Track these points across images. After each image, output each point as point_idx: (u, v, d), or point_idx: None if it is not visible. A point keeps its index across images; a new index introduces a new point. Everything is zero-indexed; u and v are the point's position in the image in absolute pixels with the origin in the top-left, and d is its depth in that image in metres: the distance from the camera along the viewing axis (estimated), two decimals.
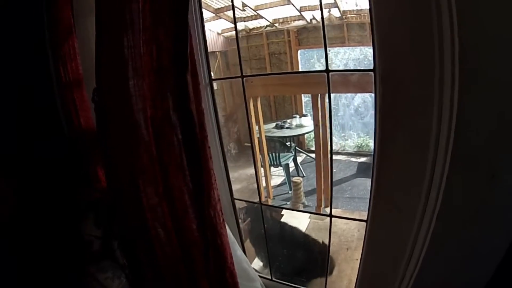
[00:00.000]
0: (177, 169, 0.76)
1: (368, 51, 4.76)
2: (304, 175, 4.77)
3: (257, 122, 2.62)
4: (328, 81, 0.91)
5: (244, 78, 1.10)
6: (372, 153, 0.86)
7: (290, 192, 4.62)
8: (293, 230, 2.26)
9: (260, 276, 1.40)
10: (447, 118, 0.69)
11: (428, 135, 0.76)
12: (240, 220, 1.34)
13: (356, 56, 5.15)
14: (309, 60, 5.80)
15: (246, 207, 1.79)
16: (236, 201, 1.29)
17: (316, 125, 2.50)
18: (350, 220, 2.15)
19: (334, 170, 4.89)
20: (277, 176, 5.22)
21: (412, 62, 0.72)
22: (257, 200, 1.30)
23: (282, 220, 2.40)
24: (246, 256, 1.37)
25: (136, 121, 0.76)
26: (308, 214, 2.88)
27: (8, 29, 0.94)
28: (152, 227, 0.85)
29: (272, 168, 5.09)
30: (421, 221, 0.85)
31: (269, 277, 1.41)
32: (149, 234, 0.86)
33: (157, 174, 0.79)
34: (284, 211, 2.54)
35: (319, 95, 2.43)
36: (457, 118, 0.67)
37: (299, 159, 5.12)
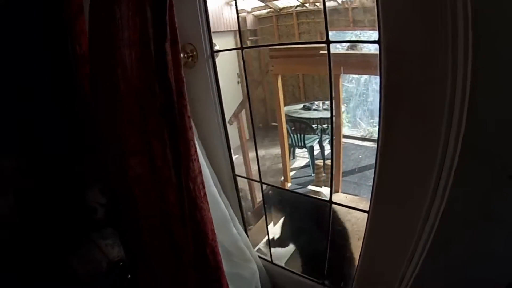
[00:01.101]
0: (159, 139, 0.74)
1: None
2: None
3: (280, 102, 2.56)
4: (329, 51, 0.82)
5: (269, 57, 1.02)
6: (377, 139, 0.77)
7: (312, 175, 4.55)
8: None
9: (260, 258, 1.37)
10: (460, 100, 0.59)
11: (437, 119, 0.65)
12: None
13: None
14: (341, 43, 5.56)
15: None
16: (239, 178, 1.25)
17: (337, 106, 2.38)
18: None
19: (360, 156, 4.74)
20: (301, 157, 5.16)
21: (421, 31, 0.61)
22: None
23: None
24: (247, 235, 1.35)
25: (121, 90, 0.74)
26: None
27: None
28: (138, 196, 0.84)
29: (297, 149, 5.03)
30: (426, 219, 0.76)
31: (269, 260, 1.37)
32: (134, 204, 0.85)
33: (141, 144, 0.77)
34: None
35: (341, 75, 2.31)
36: (470, 102, 0.57)
37: (325, 142, 5.00)
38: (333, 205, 1.06)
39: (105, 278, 1.15)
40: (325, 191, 3.13)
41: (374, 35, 0.70)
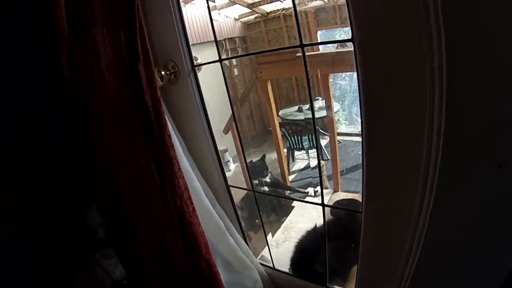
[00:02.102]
0: (143, 157, 0.74)
1: None
2: (329, 158, 4.67)
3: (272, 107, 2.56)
4: (304, 55, 0.82)
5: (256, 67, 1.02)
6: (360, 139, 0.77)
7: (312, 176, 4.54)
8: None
9: (262, 265, 1.37)
10: (438, 93, 0.59)
11: (419, 114, 0.65)
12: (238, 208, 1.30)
13: None
14: (330, 39, 5.61)
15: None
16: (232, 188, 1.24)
17: (328, 106, 2.38)
18: None
19: (359, 152, 4.73)
20: (301, 160, 5.17)
21: (394, 26, 0.61)
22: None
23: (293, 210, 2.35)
24: (247, 244, 1.34)
25: (101, 106, 0.74)
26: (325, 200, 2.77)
27: None
28: (130, 213, 0.84)
29: (295, 152, 5.04)
30: (418, 216, 0.75)
31: (271, 266, 1.36)
32: (128, 222, 0.85)
33: (129, 162, 0.78)
34: (295, 203, 2.48)
35: (331, 75, 2.31)
36: (448, 91, 0.57)
37: (323, 142, 5.02)
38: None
39: None
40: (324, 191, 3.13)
41: None
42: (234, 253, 1.17)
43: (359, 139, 5.41)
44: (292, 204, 2.49)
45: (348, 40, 0.70)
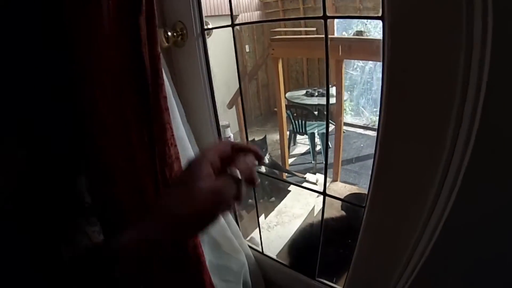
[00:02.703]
0: (136, 123, 0.67)
1: None
2: (330, 146, 4.61)
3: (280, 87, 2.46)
4: (325, 28, 0.73)
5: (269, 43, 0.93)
6: (376, 129, 0.70)
7: (312, 162, 4.50)
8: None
9: (250, 248, 1.32)
10: (474, 86, 0.51)
11: (446, 109, 0.58)
12: None
13: None
14: (346, 29, 5.43)
15: None
16: None
17: (339, 93, 2.29)
18: None
19: (361, 145, 4.68)
20: (302, 144, 5.12)
21: (431, 5, 0.53)
22: None
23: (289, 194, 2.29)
24: (238, 225, 1.29)
25: (101, 69, 0.67)
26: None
27: None
28: (118, 181, 0.78)
29: (298, 136, 4.98)
30: (425, 224, 0.69)
31: (260, 251, 1.32)
32: (114, 186, 0.80)
33: (121, 130, 0.70)
34: (292, 187, 2.43)
35: (343, 61, 2.20)
36: (487, 92, 0.49)
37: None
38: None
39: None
40: (320, 178, 3.07)
41: (381, 23, 0.61)
42: (223, 233, 1.12)
43: (362, 131, 5.37)
44: (289, 188, 2.44)
45: (377, 18, 0.61)
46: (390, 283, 0.83)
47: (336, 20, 5.11)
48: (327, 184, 1.01)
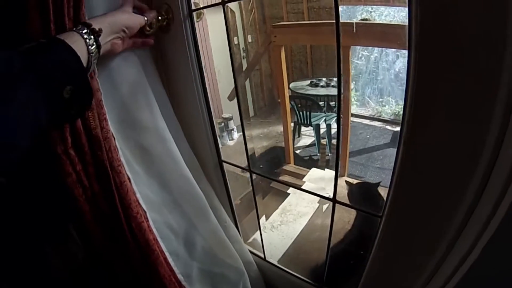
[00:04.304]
0: None
1: None
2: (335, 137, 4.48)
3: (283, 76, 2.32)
4: (337, 10, 0.60)
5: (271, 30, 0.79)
6: (400, 127, 0.56)
7: (318, 154, 4.38)
8: None
9: (252, 253, 1.21)
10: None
11: (487, 106, 0.44)
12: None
13: (401, 19, 4.54)
14: (350, 18, 5.24)
15: None
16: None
17: (346, 81, 2.14)
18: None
19: (367, 136, 4.53)
20: (307, 136, 5.00)
21: None
22: None
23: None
24: (238, 228, 1.17)
25: None
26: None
27: None
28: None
29: (302, 127, 4.85)
30: (457, 235, 0.56)
31: (262, 257, 1.20)
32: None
33: None
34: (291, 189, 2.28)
35: (351, 48, 2.04)
36: None
37: (332, 121, 4.81)
38: None
39: (80, 270, 1.02)
40: (327, 174, 2.93)
41: (386, 11, 0.48)
42: (216, 237, 1.01)
43: (369, 122, 5.21)
44: (287, 191, 2.30)
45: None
46: None
47: (340, 8, 4.92)
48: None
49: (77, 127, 0.62)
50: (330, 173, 2.93)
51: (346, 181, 1.79)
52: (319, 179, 2.78)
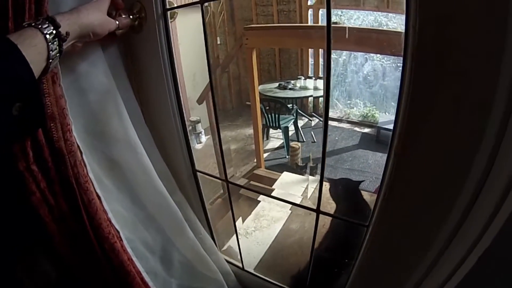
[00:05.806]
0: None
1: (383, 18, 4.43)
2: (304, 140, 4.56)
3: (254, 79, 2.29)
4: (329, 10, 0.58)
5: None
6: (391, 132, 0.55)
7: (287, 157, 4.40)
8: None
9: (229, 263, 1.16)
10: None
11: (483, 118, 0.44)
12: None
13: (370, 23, 4.70)
14: (323, 21, 5.36)
15: None
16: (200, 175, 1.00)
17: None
18: None
19: (336, 138, 4.62)
20: (275, 138, 5.02)
21: None
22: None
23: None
24: (214, 240, 1.12)
25: None
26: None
27: None
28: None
29: (271, 130, 4.87)
30: (446, 246, 0.56)
31: (241, 266, 1.16)
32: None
33: None
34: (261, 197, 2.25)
35: (321, 51, 2.06)
36: None
37: (300, 123, 4.85)
38: None
39: None
40: (299, 178, 2.93)
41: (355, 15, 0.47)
42: (193, 251, 0.95)
43: (337, 124, 5.33)
44: (258, 199, 2.26)
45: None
46: None
47: (320, 11, 4.98)
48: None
49: (39, 139, 0.55)
50: (301, 177, 2.94)
51: (327, 178, 1.81)
52: (291, 183, 2.78)
